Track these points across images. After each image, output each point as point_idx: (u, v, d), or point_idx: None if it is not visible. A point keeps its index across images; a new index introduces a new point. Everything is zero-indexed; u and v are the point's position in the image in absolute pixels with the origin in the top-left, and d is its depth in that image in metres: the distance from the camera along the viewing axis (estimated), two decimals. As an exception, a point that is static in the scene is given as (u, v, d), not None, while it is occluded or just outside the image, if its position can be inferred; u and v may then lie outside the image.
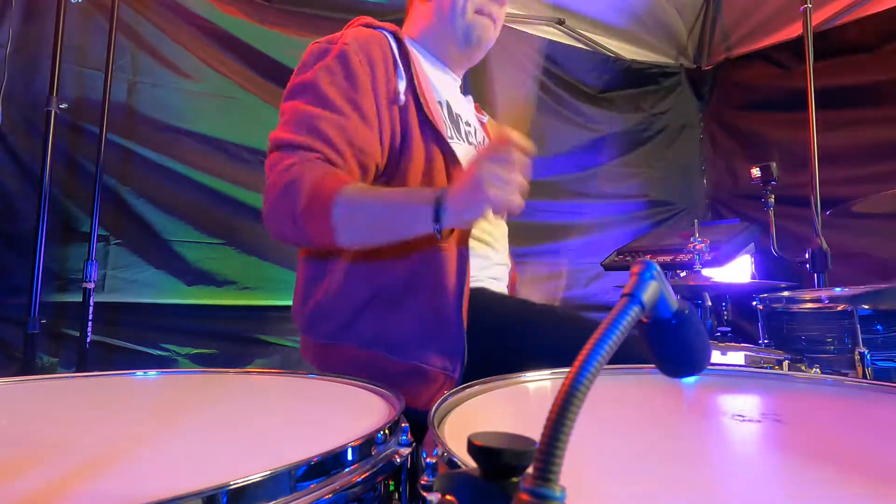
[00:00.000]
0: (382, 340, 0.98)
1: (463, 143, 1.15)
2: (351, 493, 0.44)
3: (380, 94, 1.01)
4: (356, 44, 1.02)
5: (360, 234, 0.90)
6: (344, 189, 0.87)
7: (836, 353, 1.60)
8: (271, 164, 0.93)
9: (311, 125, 0.94)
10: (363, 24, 1.09)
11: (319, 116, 0.95)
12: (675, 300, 0.37)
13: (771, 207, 2.20)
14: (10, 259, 1.86)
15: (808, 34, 2.26)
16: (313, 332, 1.04)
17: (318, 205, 0.86)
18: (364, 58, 1.01)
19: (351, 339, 0.99)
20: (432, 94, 1.11)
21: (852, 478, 0.42)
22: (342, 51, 1.00)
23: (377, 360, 0.97)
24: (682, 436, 0.54)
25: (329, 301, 1.02)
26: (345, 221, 0.86)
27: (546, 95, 3.11)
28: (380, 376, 0.93)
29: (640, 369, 0.79)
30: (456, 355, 0.95)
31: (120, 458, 0.46)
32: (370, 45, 1.03)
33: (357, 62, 1.00)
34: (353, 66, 0.99)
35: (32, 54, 1.90)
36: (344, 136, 0.95)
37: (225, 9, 2.22)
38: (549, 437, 0.26)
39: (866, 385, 0.75)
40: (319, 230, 0.87)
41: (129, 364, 2.02)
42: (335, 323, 1.00)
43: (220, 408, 0.65)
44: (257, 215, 2.20)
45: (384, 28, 1.09)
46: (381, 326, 0.98)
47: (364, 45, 1.02)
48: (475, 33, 1.16)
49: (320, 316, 1.03)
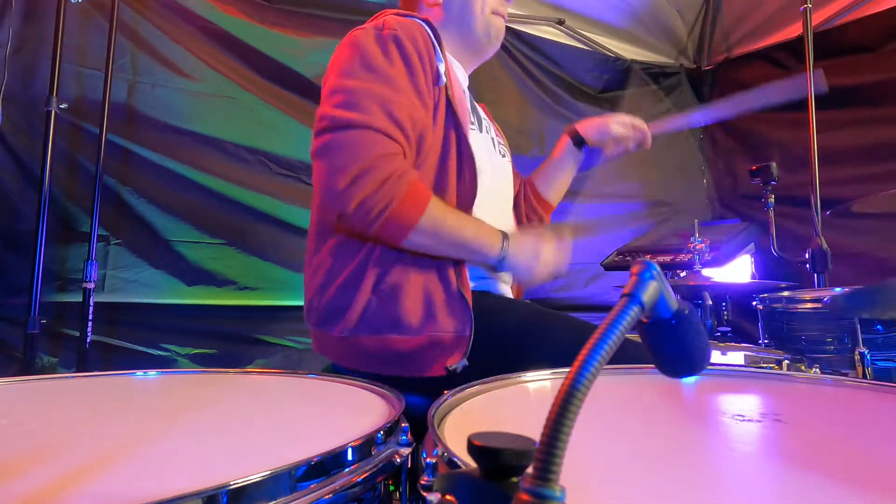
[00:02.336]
0: (393, 324, 0.99)
1: (480, 132, 1.19)
2: (351, 493, 0.44)
3: (428, 75, 1.05)
4: (401, 28, 1.05)
5: (425, 248, 0.99)
6: (430, 206, 0.96)
7: (836, 353, 1.60)
8: (344, 144, 0.94)
9: (386, 108, 0.97)
10: (394, 14, 1.11)
11: (390, 99, 0.97)
12: (674, 300, 0.37)
13: (771, 207, 2.21)
14: (10, 259, 1.86)
15: (808, 34, 2.26)
16: (329, 326, 1.05)
17: (407, 216, 0.94)
18: (412, 40, 1.04)
19: (366, 330, 1.00)
20: (459, 82, 1.15)
21: (852, 478, 0.42)
22: (394, 35, 1.03)
23: (393, 343, 0.99)
24: (682, 436, 0.54)
25: (343, 296, 1.02)
26: (420, 237, 0.96)
27: (546, 95, 3.11)
28: (398, 356, 0.99)
29: (640, 369, 0.79)
30: (464, 316, 0.98)
31: (120, 458, 0.45)
32: (412, 29, 1.06)
33: (409, 45, 1.03)
34: (406, 49, 1.03)
35: (32, 54, 1.90)
36: (411, 120, 0.99)
37: (225, 9, 2.22)
38: (549, 437, 0.26)
39: (866, 385, 0.75)
40: (395, 235, 0.96)
41: (129, 364, 2.02)
42: (349, 316, 1.01)
43: (220, 408, 0.65)
44: (257, 215, 2.23)
45: (415, 17, 1.11)
46: (390, 312, 0.99)
47: (407, 28, 1.06)
48: (492, 32, 1.22)
49: (336, 311, 1.03)
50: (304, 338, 2.25)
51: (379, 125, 0.95)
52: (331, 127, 0.96)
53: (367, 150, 0.93)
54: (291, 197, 2.26)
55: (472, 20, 1.19)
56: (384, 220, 0.93)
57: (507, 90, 3.01)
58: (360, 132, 0.94)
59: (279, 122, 2.29)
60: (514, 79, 3.03)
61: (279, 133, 2.29)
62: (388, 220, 0.93)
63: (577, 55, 3.22)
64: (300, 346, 2.27)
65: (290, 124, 2.30)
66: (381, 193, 0.92)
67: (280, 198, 2.25)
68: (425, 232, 0.95)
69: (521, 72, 3.05)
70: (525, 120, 3.05)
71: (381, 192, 0.92)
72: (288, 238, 2.24)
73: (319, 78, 1.10)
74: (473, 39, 1.21)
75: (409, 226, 0.94)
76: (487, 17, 1.20)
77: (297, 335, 2.28)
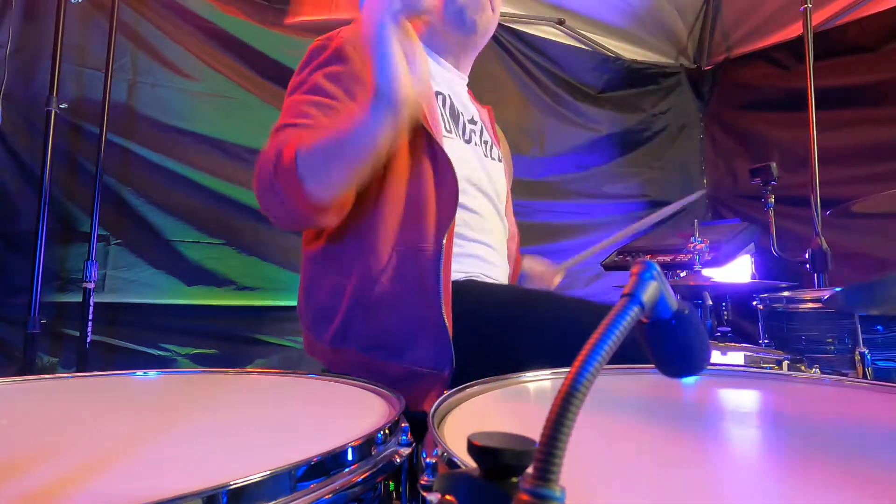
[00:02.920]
0: (377, 344, 0.98)
1: (458, 139, 1.13)
2: (351, 493, 0.44)
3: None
4: (353, 36, 1.03)
5: (323, 173, 0.86)
6: (299, 144, 0.85)
7: (836, 353, 1.60)
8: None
9: (299, 110, 0.95)
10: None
11: (310, 102, 0.96)
12: (674, 300, 0.37)
13: (771, 207, 2.21)
14: (10, 259, 1.86)
15: (808, 34, 2.26)
16: (317, 334, 1.04)
17: (284, 162, 0.85)
18: (359, 49, 1.01)
19: (352, 343, 0.99)
20: (430, 88, 1.08)
21: (852, 478, 0.42)
22: (338, 46, 1.02)
23: (377, 364, 0.97)
24: (682, 436, 0.54)
25: (327, 304, 1.02)
26: (307, 166, 0.84)
27: (546, 95, 3.11)
28: (382, 379, 0.93)
29: (640, 369, 0.79)
30: (443, 355, 0.94)
31: (120, 458, 0.45)
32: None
33: (353, 54, 1.01)
34: (348, 57, 1.00)
35: (32, 54, 1.90)
36: (329, 115, 0.94)
37: (225, 9, 2.22)
38: (549, 437, 0.26)
39: (866, 385, 0.75)
40: (291, 187, 0.85)
41: (129, 364, 2.02)
42: (335, 326, 1.00)
43: (220, 408, 0.65)
44: (257, 215, 2.22)
45: None
46: (372, 330, 0.98)
47: (358, 37, 1.03)
48: (469, 14, 1.13)
49: (322, 318, 1.03)
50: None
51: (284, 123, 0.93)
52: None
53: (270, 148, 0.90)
54: (291, 197, 2.26)
55: (447, 4, 1.12)
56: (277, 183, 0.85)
57: (508, 90, 3.01)
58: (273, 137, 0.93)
59: (279, 122, 2.29)
60: (515, 79, 3.03)
61: (279, 133, 2.29)
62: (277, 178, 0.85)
63: (577, 55, 3.22)
64: (300, 346, 2.26)
65: (290, 124, 2.30)
66: (266, 169, 0.87)
67: (280, 198, 2.25)
68: (308, 159, 0.84)
69: (522, 72, 3.05)
70: (525, 120, 3.06)
71: (266, 168, 0.87)
72: (288, 238, 2.24)
73: (319, 78, 1.10)
74: (451, 25, 1.15)
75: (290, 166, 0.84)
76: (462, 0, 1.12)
77: (297, 335, 2.28)
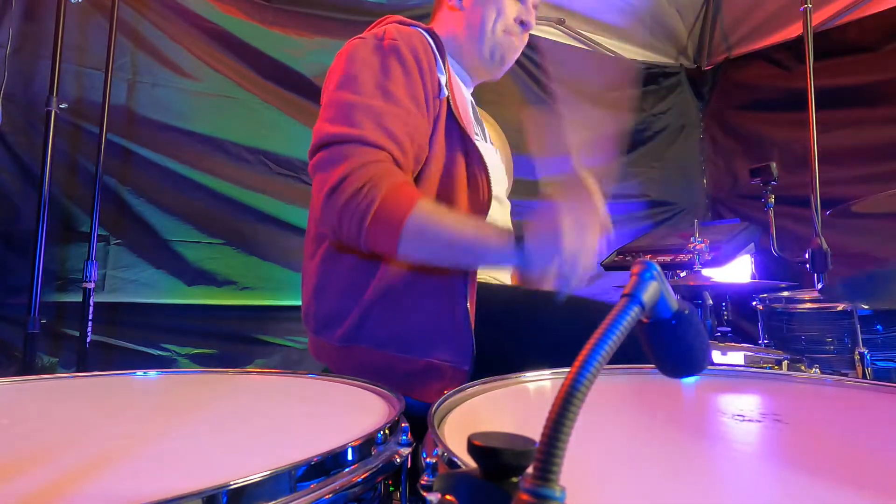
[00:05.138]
0: (394, 340, 0.98)
1: (486, 142, 1.17)
2: (351, 493, 0.44)
3: (427, 87, 1.02)
4: (402, 38, 1.03)
5: (423, 254, 0.91)
6: (418, 206, 0.87)
7: (836, 353, 1.60)
8: (334, 158, 0.92)
9: (378, 121, 0.94)
10: (396, 23, 1.09)
11: (384, 111, 0.95)
12: (675, 300, 0.37)
13: (771, 207, 2.21)
14: (10, 259, 1.86)
15: (808, 34, 2.25)
16: (327, 334, 1.04)
17: (391, 216, 0.86)
18: (412, 51, 1.02)
19: (364, 341, 0.99)
20: (462, 93, 1.13)
21: (852, 478, 0.42)
22: (393, 45, 1.01)
23: (391, 359, 0.97)
24: (682, 436, 0.54)
25: (340, 303, 1.01)
26: (412, 239, 0.86)
27: (546, 95, 3.11)
28: (394, 375, 0.95)
29: (640, 369, 0.79)
30: (465, 349, 0.95)
31: (120, 458, 0.45)
32: (413, 39, 1.04)
33: (408, 55, 1.01)
34: (406, 59, 1.00)
35: (32, 54, 1.90)
36: (407, 131, 0.96)
37: (225, 9, 2.22)
38: (549, 437, 0.26)
39: (866, 385, 0.75)
40: (385, 241, 0.87)
41: (129, 364, 2.02)
42: (348, 325, 1.00)
43: (220, 408, 0.65)
44: (257, 215, 2.22)
45: (418, 26, 1.09)
46: (392, 325, 0.98)
47: (408, 38, 1.03)
48: (500, 52, 1.19)
49: (333, 318, 1.02)
50: (304, 337, 2.23)
51: (369, 138, 0.92)
52: (321, 144, 0.94)
53: (353, 160, 0.90)
54: (291, 197, 2.26)
55: (483, 35, 1.16)
56: (370, 225, 0.87)
57: (507, 90, 3.01)
58: (348, 146, 0.92)
59: (279, 122, 2.29)
60: (514, 79, 3.03)
61: (279, 133, 2.29)
62: (374, 224, 0.86)
63: (577, 55, 3.22)
64: (300, 346, 2.27)
65: (290, 124, 2.30)
66: (361, 196, 0.87)
67: (280, 198, 2.25)
68: (417, 233, 0.86)
69: (522, 72, 3.05)
70: (525, 120, 3.05)
71: (361, 195, 0.87)
72: (288, 238, 2.24)
73: (319, 78, 1.10)
74: (481, 54, 1.19)
75: (396, 226, 0.85)
76: (499, 36, 1.17)
77: (297, 335, 2.28)
